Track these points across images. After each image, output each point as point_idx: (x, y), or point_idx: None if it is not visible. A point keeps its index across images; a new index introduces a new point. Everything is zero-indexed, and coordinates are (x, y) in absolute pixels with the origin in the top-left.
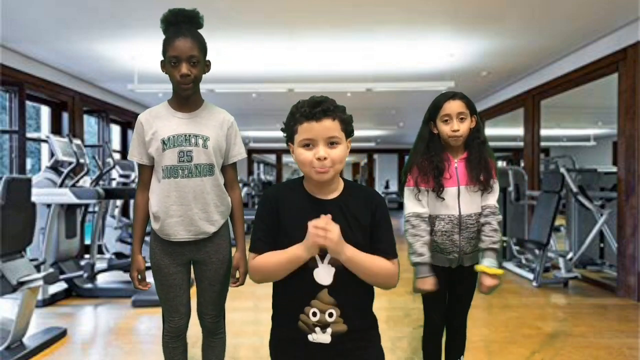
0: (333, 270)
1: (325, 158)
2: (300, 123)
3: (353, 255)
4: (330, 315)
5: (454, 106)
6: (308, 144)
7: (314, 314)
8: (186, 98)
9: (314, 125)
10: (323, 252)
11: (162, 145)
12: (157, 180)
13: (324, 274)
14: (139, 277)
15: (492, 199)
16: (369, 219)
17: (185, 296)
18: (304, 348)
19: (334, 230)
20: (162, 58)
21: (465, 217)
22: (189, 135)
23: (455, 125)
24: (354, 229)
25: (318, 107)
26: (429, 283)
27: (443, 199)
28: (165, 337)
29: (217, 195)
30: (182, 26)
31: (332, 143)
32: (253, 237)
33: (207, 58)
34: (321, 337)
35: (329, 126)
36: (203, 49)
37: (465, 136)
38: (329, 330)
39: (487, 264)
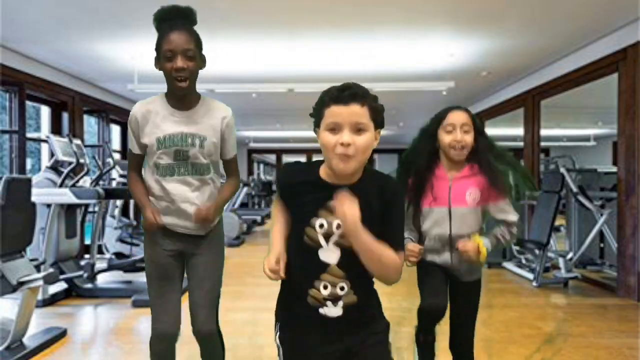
0: (338, 250)
1: (349, 144)
2: (328, 106)
3: (369, 241)
4: (342, 288)
5: (458, 116)
6: (333, 128)
7: (325, 287)
8: (183, 96)
9: (341, 109)
10: (327, 234)
11: (157, 144)
12: (152, 175)
13: (329, 254)
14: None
15: (512, 213)
16: (382, 206)
17: (176, 296)
18: (316, 322)
19: (354, 209)
20: (156, 55)
21: (456, 237)
22: (186, 135)
23: (458, 135)
24: (365, 218)
25: (347, 91)
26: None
27: (429, 215)
28: (152, 348)
29: (212, 192)
30: (176, 21)
31: (358, 130)
32: None
33: (203, 53)
34: (333, 310)
35: (357, 111)
36: (198, 43)
37: (469, 150)
38: (341, 303)
39: (484, 242)
